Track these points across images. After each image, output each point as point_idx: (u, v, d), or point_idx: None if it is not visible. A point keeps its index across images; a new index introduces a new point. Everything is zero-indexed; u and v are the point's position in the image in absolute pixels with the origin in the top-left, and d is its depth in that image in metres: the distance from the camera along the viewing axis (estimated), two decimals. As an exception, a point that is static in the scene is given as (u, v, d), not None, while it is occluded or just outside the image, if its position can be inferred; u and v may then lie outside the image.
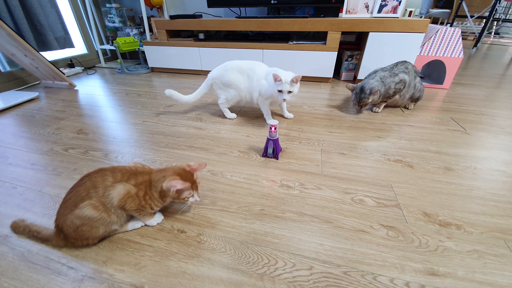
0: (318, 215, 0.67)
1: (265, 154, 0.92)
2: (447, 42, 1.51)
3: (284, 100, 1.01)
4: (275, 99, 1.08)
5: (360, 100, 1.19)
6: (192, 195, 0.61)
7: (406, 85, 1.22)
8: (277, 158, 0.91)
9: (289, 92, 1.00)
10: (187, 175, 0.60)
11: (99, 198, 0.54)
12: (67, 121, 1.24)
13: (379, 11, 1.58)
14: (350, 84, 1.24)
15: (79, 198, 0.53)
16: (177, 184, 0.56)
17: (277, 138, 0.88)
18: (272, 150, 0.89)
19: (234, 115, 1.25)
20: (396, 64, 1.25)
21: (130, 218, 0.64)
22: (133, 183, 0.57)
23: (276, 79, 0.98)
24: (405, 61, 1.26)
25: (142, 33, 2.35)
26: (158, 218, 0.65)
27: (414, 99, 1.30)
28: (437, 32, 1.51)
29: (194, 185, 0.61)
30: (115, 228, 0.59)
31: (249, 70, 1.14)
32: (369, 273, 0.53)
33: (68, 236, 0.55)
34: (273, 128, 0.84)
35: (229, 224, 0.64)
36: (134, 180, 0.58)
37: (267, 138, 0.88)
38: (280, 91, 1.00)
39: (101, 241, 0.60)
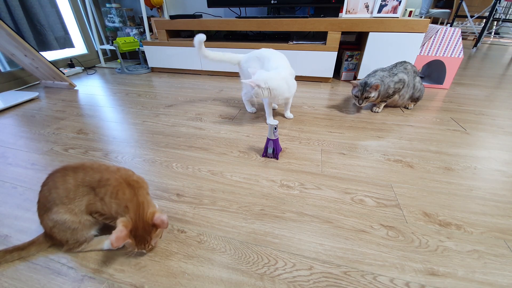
0: (318, 215, 0.67)
1: (265, 154, 0.92)
2: (447, 42, 1.50)
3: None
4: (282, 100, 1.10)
5: (362, 93, 1.19)
6: (136, 249, 0.52)
7: (405, 84, 1.22)
8: (277, 158, 0.91)
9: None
10: (143, 227, 0.50)
11: (61, 200, 0.52)
12: (67, 121, 1.24)
13: (379, 11, 1.58)
14: (355, 81, 1.24)
15: (44, 198, 0.53)
16: (118, 238, 0.46)
17: (277, 138, 0.88)
18: (272, 150, 0.89)
19: (254, 109, 1.25)
20: (396, 65, 1.25)
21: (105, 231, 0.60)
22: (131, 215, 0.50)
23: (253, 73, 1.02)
24: (405, 62, 1.26)
25: (142, 33, 2.35)
26: None
27: (414, 99, 1.30)
28: (437, 32, 1.51)
29: (143, 244, 0.51)
30: (83, 237, 0.55)
31: (265, 58, 1.12)
32: (369, 273, 0.53)
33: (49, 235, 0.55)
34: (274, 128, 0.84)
35: (229, 224, 0.64)
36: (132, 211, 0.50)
37: (267, 138, 0.88)
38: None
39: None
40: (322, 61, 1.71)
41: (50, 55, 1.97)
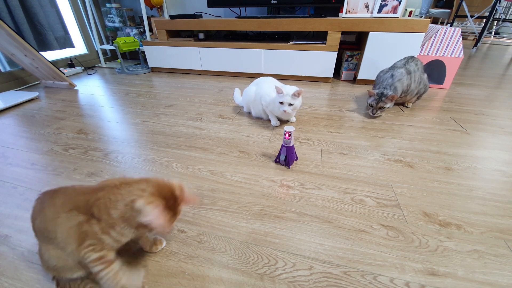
0: (318, 215, 0.67)
1: (277, 159, 0.89)
2: (447, 42, 1.50)
3: (285, 111, 1.04)
4: (276, 112, 1.11)
5: (378, 102, 1.17)
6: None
7: (419, 82, 1.25)
8: (288, 167, 0.86)
9: (290, 104, 1.03)
10: (173, 202, 0.44)
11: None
12: (67, 121, 1.24)
13: (379, 11, 1.58)
14: (372, 91, 1.20)
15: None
16: (158, 223, 0.39)
17: (292, 146, 0.83)
18: (284, 157, 0.86)
19: (277, 122, 1.18)
20: (407, 61, 1.25)
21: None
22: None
23: (278, 91, 1.02)
24: (413, 57, 1.26)
25: (142, 33, 2.35)
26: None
27: (419, 95, 1.31)
28: (437, 32, 1.51)
29: (173, 218, 0.45)
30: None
31: (261, 82, 1.19)
32: (369, 273, 0.53)
33: None
34: (287, 135, 0.80)
35: (229, 224, 0.64)
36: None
37: (282, 144, 0.85)
38: (281, 102, 1.03)
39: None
40: (322, 61, 1.71)
41: (50, 55, 1.97)
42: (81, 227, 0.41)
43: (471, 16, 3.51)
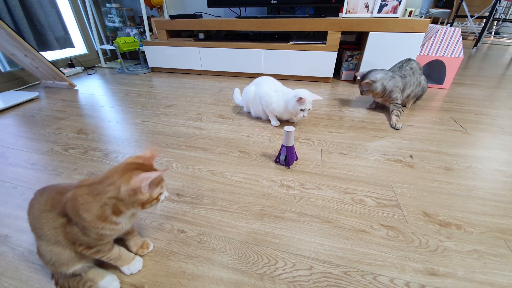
0: (318, 215, 0.67)
1: (277, 159, 0.89)
2: (447, 42, 1.50)
3: (303, 116, 1.05)
4: (276, 112, 1.12)
5: (362, 79, 1.20)
6: (163, 188, 0.47)
7: (415, 85, 1.24)
8: (288, 167, 0.87)
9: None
10: (146, 169, 0.44)
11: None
12: (67, 121, 1.24)
13: (379, 11, 1.58)
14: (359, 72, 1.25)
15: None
16: (149, 175, 0.40)
17: (292, 146, 0.83)
18: (284, 157, 0.86)
19: (277, 123, 1.19)
20: (402, 65, 1.24)
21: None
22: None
23: (301, 100, 0.99)
24: (409, 59, 1.25)
25: (142, 33, 2.35)
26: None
27: (417, 97, 1.31)
28: (437, 32, 1.51)
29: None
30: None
31: (260, 82, 1.18)
32: (369, 273, 0.53)
33: None
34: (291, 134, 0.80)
35: (229, 224, 0.64)
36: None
37: (282, 144, 0.85)
38: (302, 109, 1.03)
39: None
40: (322, 61, 1.71)
41: (50, 55, 1.97)
42: (65, 229, 0.43)
43: (471, 16, 3.51)
